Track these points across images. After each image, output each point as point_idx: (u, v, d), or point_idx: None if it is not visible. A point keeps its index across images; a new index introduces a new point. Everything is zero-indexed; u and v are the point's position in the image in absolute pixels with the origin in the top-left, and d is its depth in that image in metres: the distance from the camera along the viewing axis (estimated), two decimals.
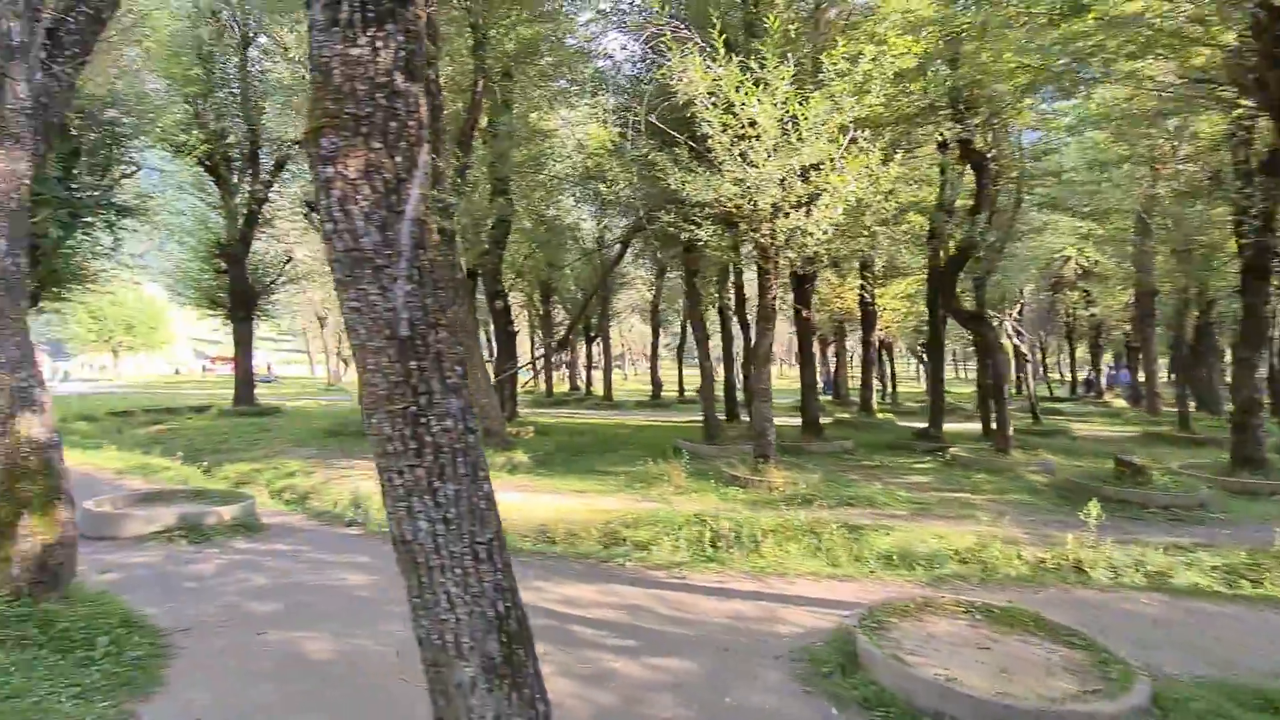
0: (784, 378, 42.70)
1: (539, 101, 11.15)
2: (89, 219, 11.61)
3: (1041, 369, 28.30)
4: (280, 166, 16.74)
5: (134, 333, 46.48)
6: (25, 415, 3.42)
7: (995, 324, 12.50)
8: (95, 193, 11.63)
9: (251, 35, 15.76)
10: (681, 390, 27.27)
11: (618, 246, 16.07)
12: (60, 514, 3.45)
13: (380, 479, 1.74)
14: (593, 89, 11.18)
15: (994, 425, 10.91)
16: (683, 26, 6.46)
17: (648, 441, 12.21)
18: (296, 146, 12.48)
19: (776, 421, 9.03)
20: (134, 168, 12.59)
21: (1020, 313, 16.32)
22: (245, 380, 16.83)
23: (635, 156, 9.68)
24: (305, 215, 14.65)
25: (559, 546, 6.06)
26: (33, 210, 11.61)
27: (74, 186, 11.09)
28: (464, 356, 1.79)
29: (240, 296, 16.33)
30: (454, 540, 1.69)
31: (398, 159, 1.61)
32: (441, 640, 1.70)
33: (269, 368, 70.82)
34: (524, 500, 7.51)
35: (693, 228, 7.89)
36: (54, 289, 12.66)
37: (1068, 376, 34.49)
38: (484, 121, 10.67)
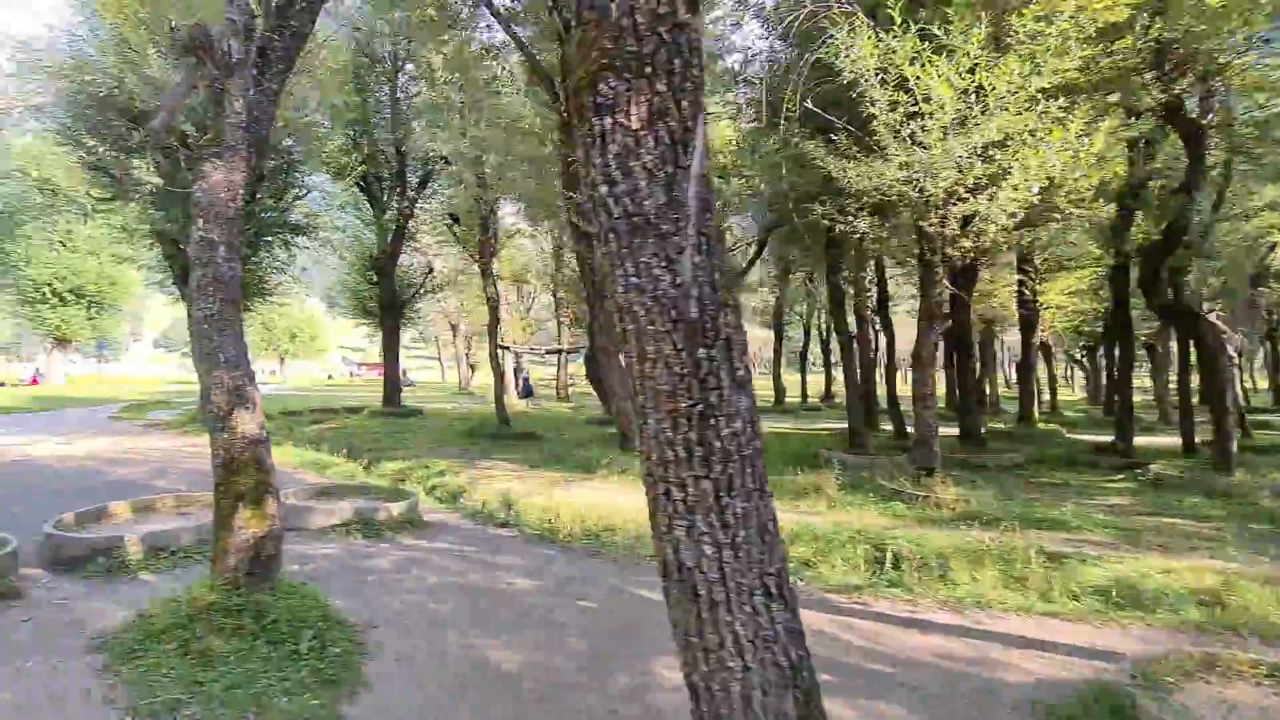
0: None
1: None
2: (269, 237, 12.94)
3: (1242, 373, 24.24)
4: (424, 183, 17.93)
5: (296, 341, 52.16)
6: (241, 412, 3.60)
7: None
8: (274, 213, 12.94)
9: (400, 63, 16.99)
10: (804, 396, 26.14)
11: (752, 248, 15.55)
12: (269, 507, 3.58)
13: (650, 493, 1.46)
14: (725, 85, 10.84)
15: (1199, 439, 9.26)
16: (846, 3, 5.93)
17: (785, 450, 11.62)
18: (442, 162, 13.15)
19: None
20: (305, 190, 13.88)
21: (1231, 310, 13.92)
22: (392, 384, 18.09)
23: (772, 150, 9.21)
24: (448, 227, 15.48)
25: None
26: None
27: (257, 208, 12.39)
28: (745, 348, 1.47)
29: (388, 305, 17.62)
30: (743, 570, 1.37)
31: (684, 103, 1.33)
32: (726, 693, 1.38)
33: (404, 373, 77.16)
34: None
35: (848, 219, 7.30)
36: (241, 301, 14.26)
37: (1261, 383, 29.41)
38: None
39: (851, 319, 15.34)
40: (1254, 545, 5.62)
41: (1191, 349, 10.40)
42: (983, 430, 11.00)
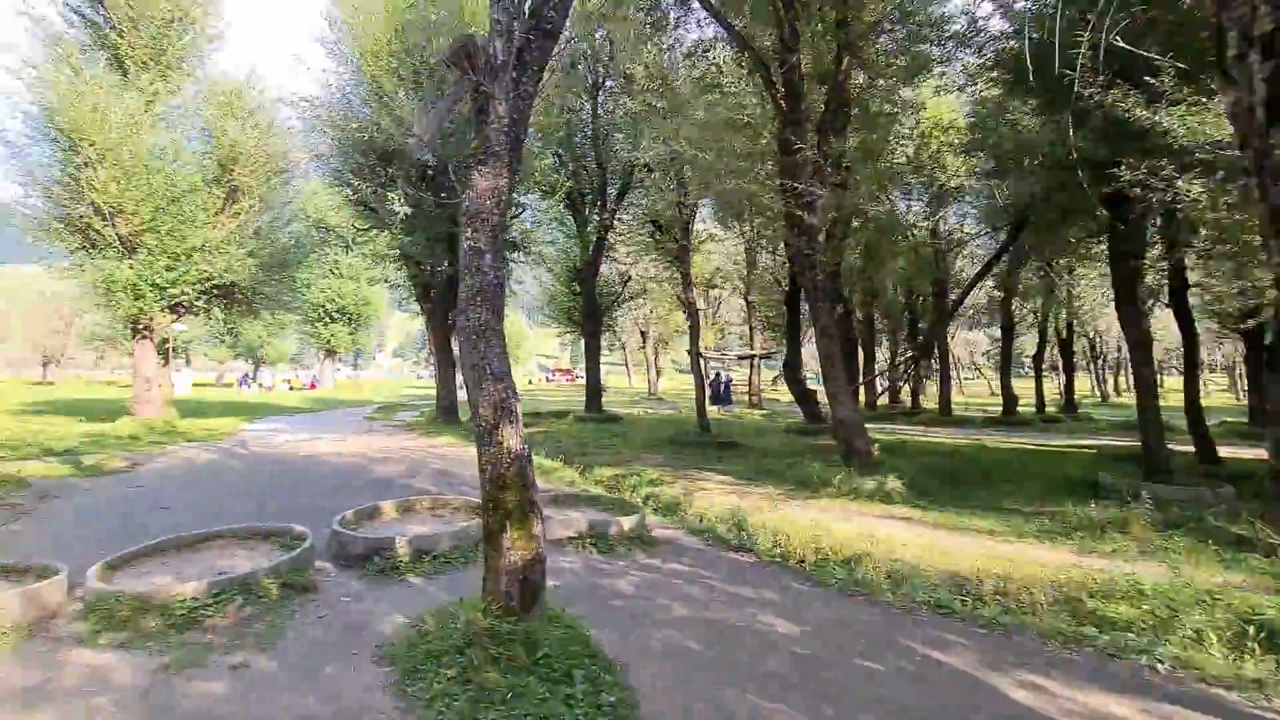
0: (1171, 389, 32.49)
1: (892, 76, 9.72)
2: None
3: None
4: (622, 195, 18.40)
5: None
6: (506, 426, 3.45)
7: None
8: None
9: (600, 80, 17.61)
10: (1040, 407, 22.38)
11: (1002, 233, 13.47)
12: (534, 527, 3.38)
13: None
14: (969, 44, 9.31)
15: None
16: None
17: (1052, 473, 9.71)
18: (644, 171, 13.19)
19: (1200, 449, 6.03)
20: (520, 209, 14.84)
21: None
22: (594, 389, 18.76)
23: (1033, 111, 7.61)
24: (650, 234, 15.61)
25: (1006, 613, 4.60)
26: (434, 243, 14.58)
27: None
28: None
29: (590, 313, 18.32)
30: None
31: None
32: None
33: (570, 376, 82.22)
34: (916, 537, 6.21)
35: (1167, 186, 5.64)
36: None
37: None
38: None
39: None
40: None
41: None
42: None
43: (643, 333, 34.05)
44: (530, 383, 77.05)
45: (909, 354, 17.88)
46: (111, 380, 62.57)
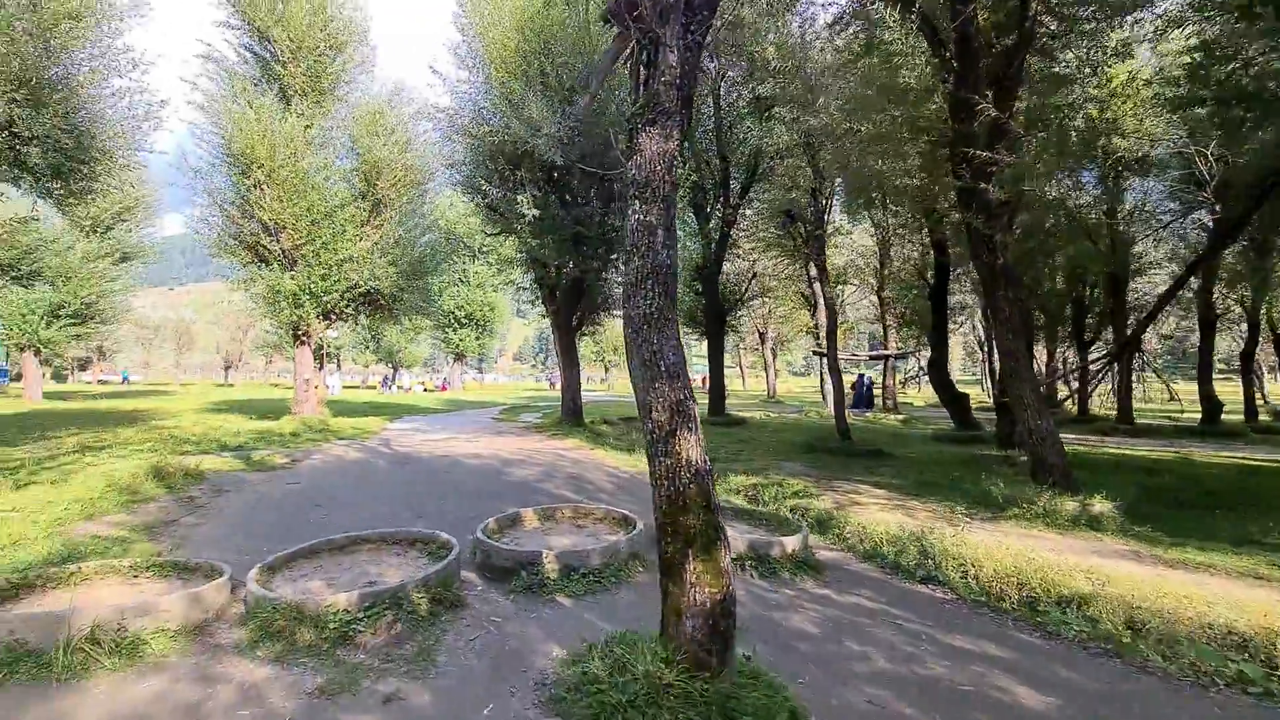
0: None
1: (1089, 21, 8.15)
2: (615, 254, 13.73)
3: None
4: (745, 189, 17.57)
5: (619, 352, 58.30)
6: (685, 434, 2.87)
7: None
8: (619, 231, 13.68)
9: (722, 70, 16.92)
10: (1249, 415, 18.72)
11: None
12: (722, 558, 2.76)
13: None
14: None
15: None
16: None
17: None
18: (776, 159, 12.32)
19: None
20: None
21: None
22: (718, 392, 18.03)
23: None
24: (782, 225, 14.70)
25: None
26: (584, 244, 14.49)
27: (609, 225, 13.22)
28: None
29: (713, 313, 17.64)
30: None
31: None
32: None
33: (703, 381, 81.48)
34: (1154, 575, 4.93)
35: None
36: (591, 316, 15.56)
37: None
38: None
39: None
40: None
41: None
42: None
43: (761, 333, 32.79)
44: None
45: (1110, 351, 15.46)
46: (277, 382, 70.64)
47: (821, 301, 22.85)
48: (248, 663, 3.31)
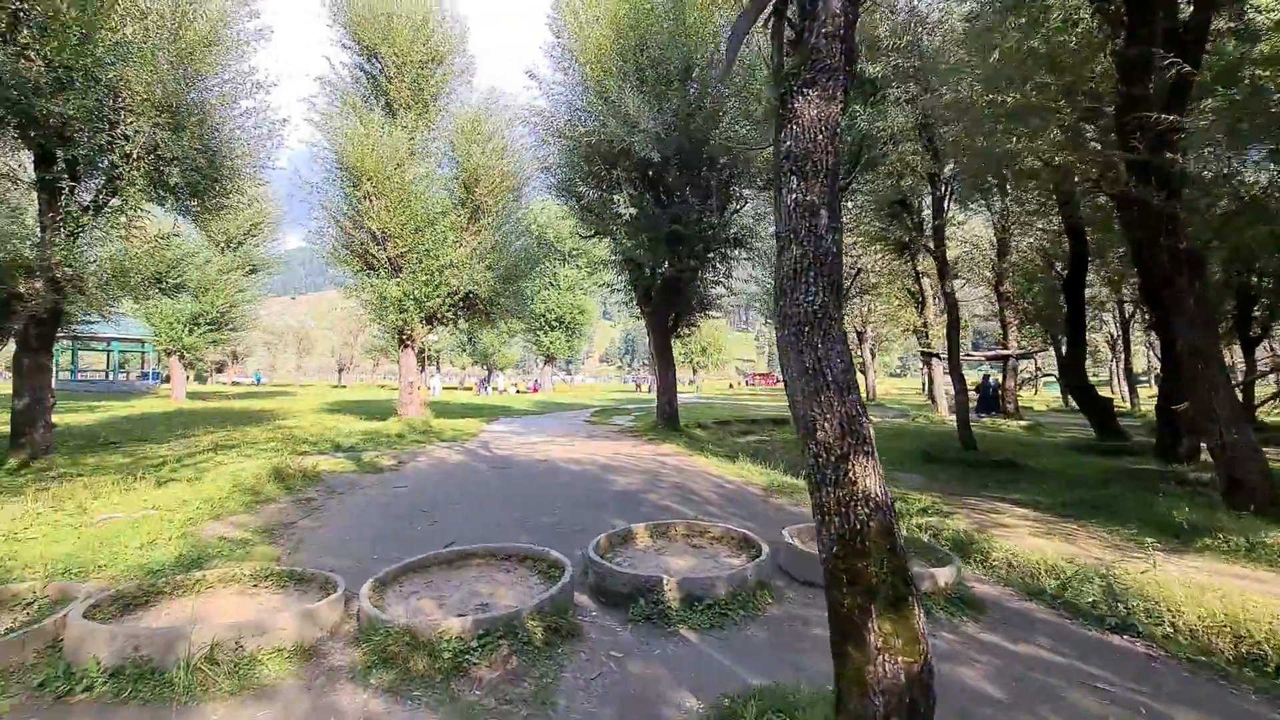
0: None
1: None
2: (712, 253, 13.21)
3: None
4: (847, 182, 16.51)
5: (706, 354, 57.63)
6: (860, 459, 2.33)
7: None
8: (718, 228, 13.15)
9: None
10: None
11: None
12: (915, 619, 2.20)
13: None
14: None
15: None
16: None
17: None
18: (889, 145, 11.37)
19: None
20: (742, 202, 13.86)
21: None
22: None
23: None
24: (893, 216, 13.67)
25: None
26: (681, 243, 14.05)
27: (705, 223, 12.71)
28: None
29: None
30: None
31: None
32: None
33: (752, 380, 79.04)
34: None
35: None
36: (687, 317, 15.11)
37: None
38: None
39: None
40: None
41: None
42: None
43: (859, 333, 31.08)
44: (730, 386, 76.42)
45: None
46: (384, 384, 75.35)
47: (932, 298, 21.28)
48: (361, 692, 3.09)
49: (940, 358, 20.86)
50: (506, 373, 57.50)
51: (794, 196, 2.53)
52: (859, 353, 33.49)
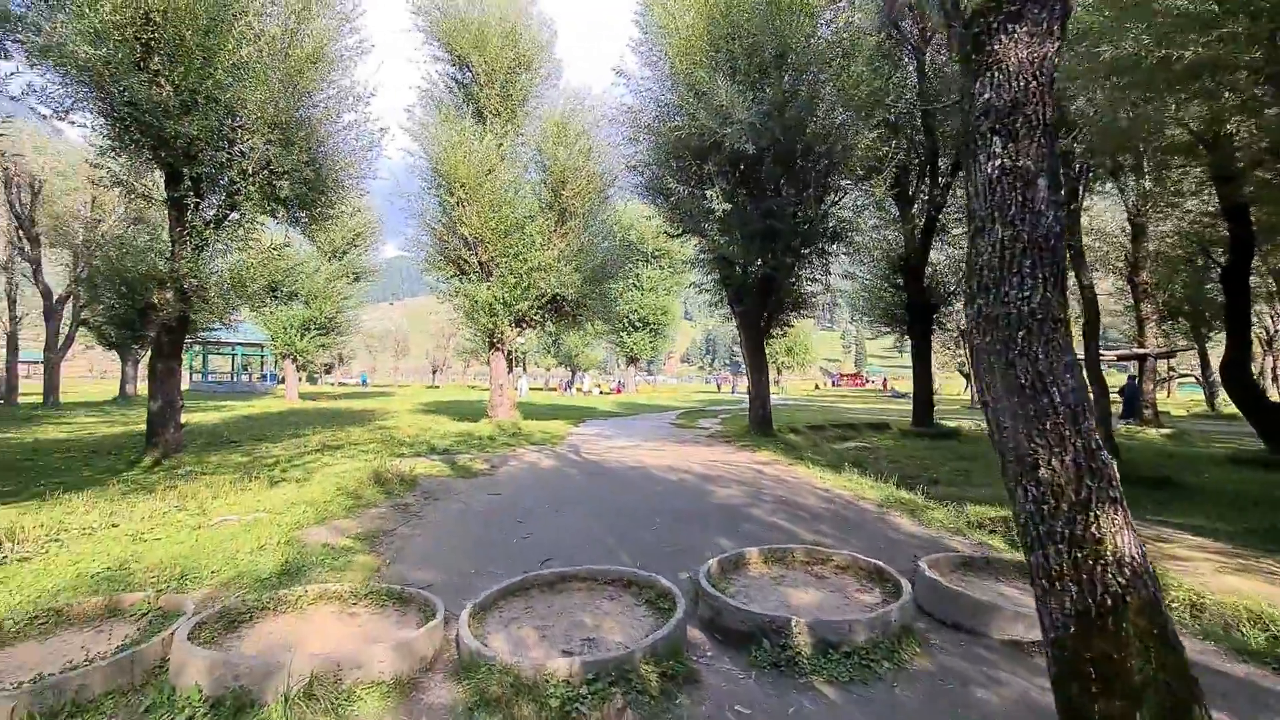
0: None
1: None
2: (808, 249, 12.42)
3: None
4: (957, 165, 15.18)
5: (792, 354, 55.84)
6: (1105, 508, 1.73)
7: None
8: (814, 222, 12.35)
9: (928, 34, 14.76)
10: None
11: None
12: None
13: None
14: None
15: None
16: None
17: None
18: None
19: None
20: (840, 193, 12.97)
21: None
22: (925, 399, 15.80)
23: None
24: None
25: None
26: (776, 239, 13.32)
27: (801, 217, 11.96)
28: None
29: (918, 310, 15.47)
30: None
31: None
32: None
33: (884, 382, 74.99)
34: None
35: None
36: (779, 316, 14.36)
37: None
38: None
39: None
40: None
41: None
42: None
43: (962, 331, 28.87)
44: (816, 388, 73.81)
45: None
46: (474, 384, 78.48)
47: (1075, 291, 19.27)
48: None
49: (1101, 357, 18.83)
50: (590, 373, 58.14)
51: (997, 163, 1.96)
52: (965, 352, 31.13)
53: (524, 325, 17.60)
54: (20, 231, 22.44)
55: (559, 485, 8.52)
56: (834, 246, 12.99)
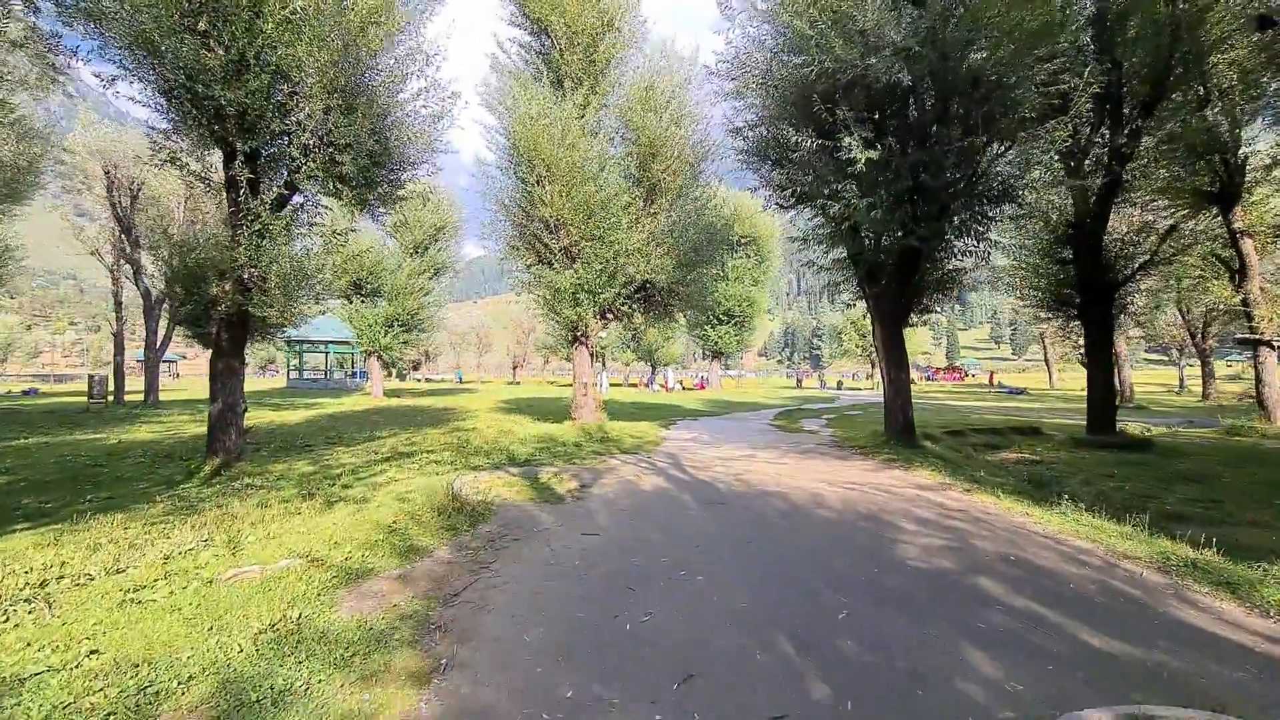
0: None
1: None
2: (973, 211, 9.81)
3: None
4: (1149, 107, 11.96)
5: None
6: None
7: None
8: (974, 179, 9.73)
9: None
10: None
11: None
12: None
13: None
14: None
15: None
16: None
17: None
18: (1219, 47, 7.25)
19: None
20: (1005, 145, 10.23)
21: None
22: (1104, 399, 12.69)
23: None
24: (1188, 157, 9.23)
25: None
26: (927, 199, 10.39)
27: (960, 174, 9.38)
28: None
29: (1095, 289, 12.39)
30: None
31: None
32: None
33: (991, 376, 68.24)
34: None
35: None
36: (919, 301, 11.77)
37: None
38: None
39: None
40: None
41: None
42: None
43: (1135, 317, 24.62)
44: (911, 382, 68.47)
45: None
46: (553, 380, 78.52)
47: (1257, 265, 15.46)
48: None
49: (1275, 345, 15.05)
50: (671, 369, 56.12)
51: None
52: (1122, 341, 26.66)
53: (610, 317, 15.81)
54: (123, 234, 22.98)
55: (672, 521, 6.54)
56: (998, 209, 10.25)
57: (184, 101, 8.98)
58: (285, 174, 10.09)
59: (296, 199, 10.72)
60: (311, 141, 9.60)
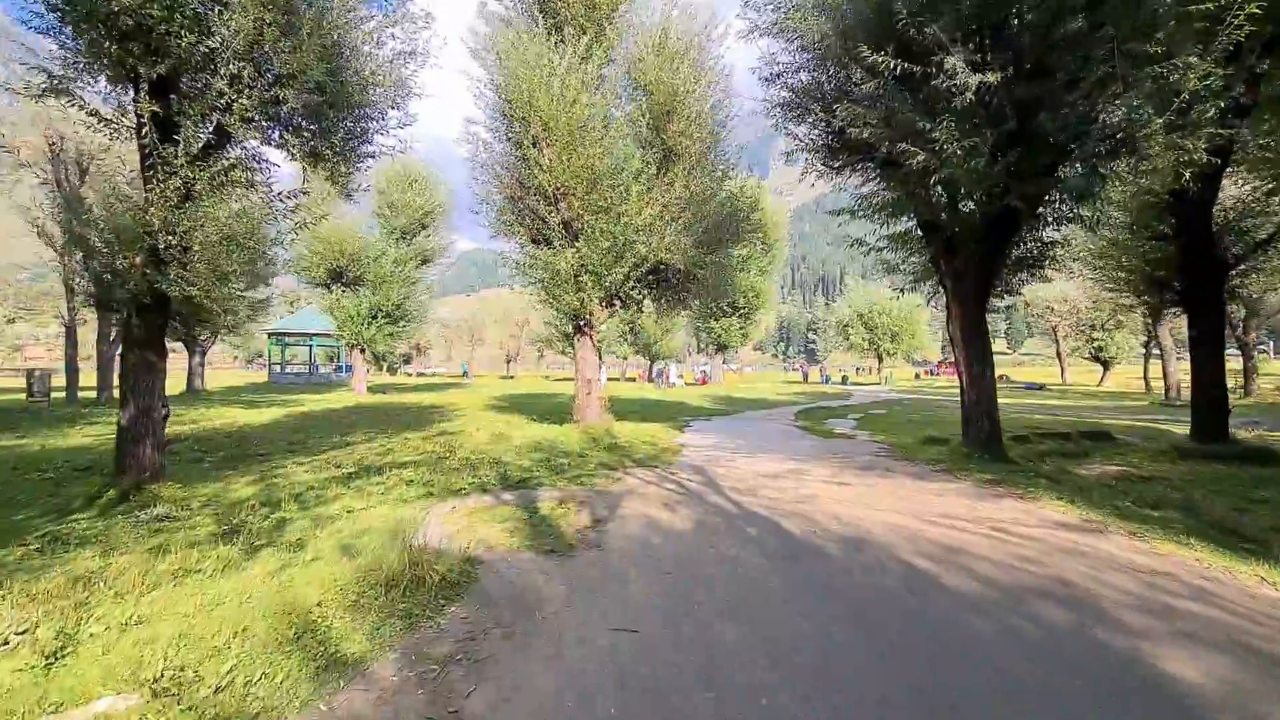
0: None
1: None
2: (1064, 163, 7.70)
3: None
4: (1270, 47, 9.87)
5: (897, 340, 49.60)
6: None
7: None
8: (1090, 123, 7.62)
9: None
10: None
11: None
12: None
13: None
14: None
15: None
16: None
17: None
18: None
19: None
20: (1121, 86, 8.10)
21: None
22: (1216, 400, 10.65)
23: None
24: None
25: None
26: (1033, 150, 7.40)
27: (1081, 110, 7.26)
28: None
29: (1202, 270, 10.34)
30: None
31: None
32: None
33: (1001, 378, 66.24)
34: None
35: None
36: (999, 281, 9.66)
37: None
38: None
39: None
40: None
41: None
42: None
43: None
44: (917, 377, 66.60)
45: None
46: (548, 375, 76.35)
47: None
48: None
49: None
50: (674, 363, 53.91)
51: None
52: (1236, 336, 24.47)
53: (617, 303, 13.68)
54: (70, 213, 20.59)
55: (744, 597, 4.39)
56: (1116, 163, 8.13)
57: (67, 9, 6.79)
58: (215, 116, 7.86)
59: (236, 153, 8.51)
60: (243, 69, 7.41)
